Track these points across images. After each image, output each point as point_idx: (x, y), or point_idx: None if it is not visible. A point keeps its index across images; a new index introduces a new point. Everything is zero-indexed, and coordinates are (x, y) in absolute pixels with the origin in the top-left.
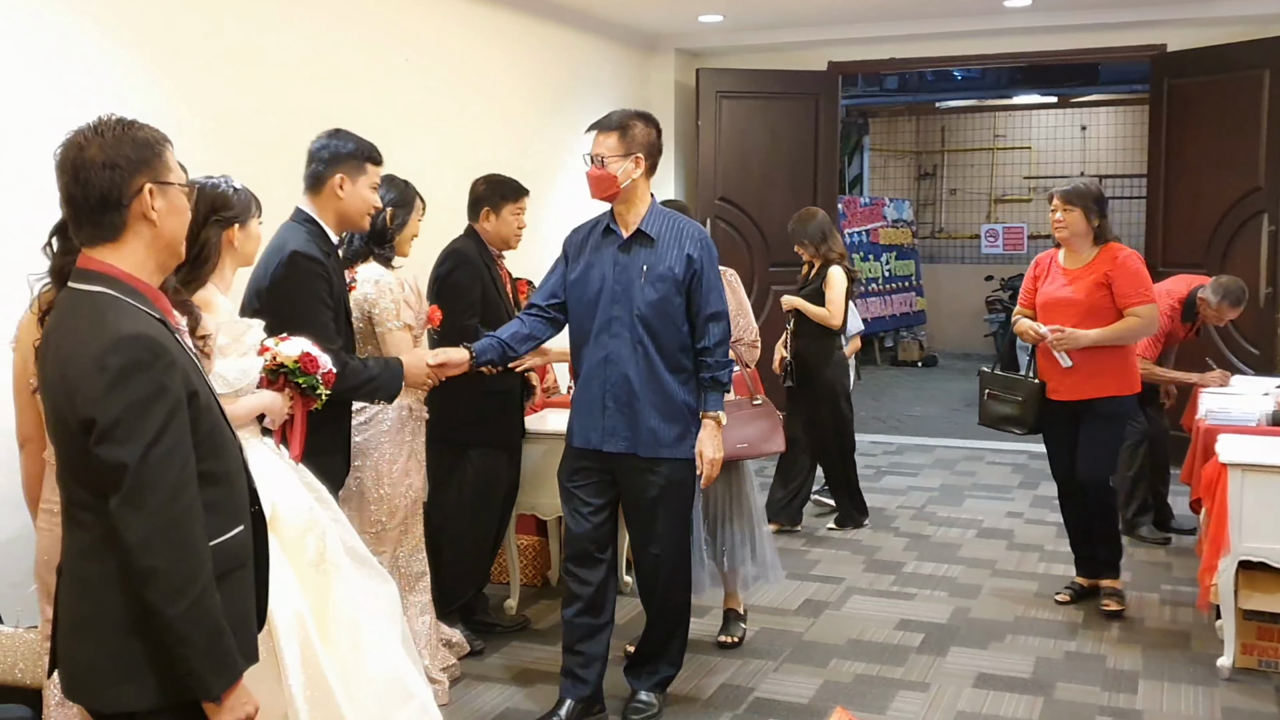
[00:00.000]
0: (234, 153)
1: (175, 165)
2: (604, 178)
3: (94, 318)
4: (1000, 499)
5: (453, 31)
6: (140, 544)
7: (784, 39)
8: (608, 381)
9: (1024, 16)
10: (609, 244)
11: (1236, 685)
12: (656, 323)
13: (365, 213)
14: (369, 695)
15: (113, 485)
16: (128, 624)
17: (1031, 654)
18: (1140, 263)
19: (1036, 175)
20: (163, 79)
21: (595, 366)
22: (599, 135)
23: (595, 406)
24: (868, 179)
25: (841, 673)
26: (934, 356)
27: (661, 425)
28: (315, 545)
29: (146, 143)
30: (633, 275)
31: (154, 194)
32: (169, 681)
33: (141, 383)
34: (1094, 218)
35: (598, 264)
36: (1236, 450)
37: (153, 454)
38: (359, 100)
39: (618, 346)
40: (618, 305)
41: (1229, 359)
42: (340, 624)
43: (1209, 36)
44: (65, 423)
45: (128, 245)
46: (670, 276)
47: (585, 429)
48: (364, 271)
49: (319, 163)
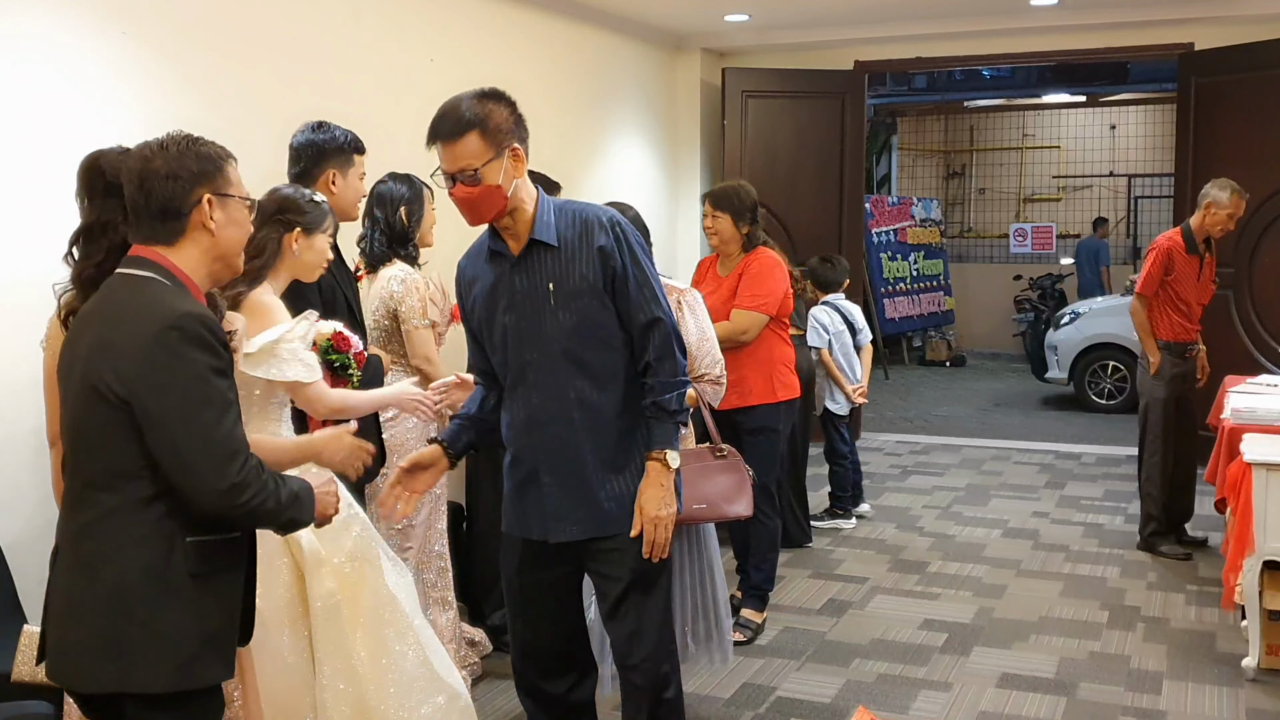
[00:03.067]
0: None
1: (237, 180)
2: (485, 194)
3: (148, 295)
4: (1026, 499)
5: (478, 32)
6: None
7: (810, 38)
8: (539, 450)
9: (1050, 15)
10: (498, 269)
11: (1261, 686)
12: (586, 354)
13: (356, 204)
14: (397, 686)
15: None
16: (119, 603)
17: (1055, 654)
18: (774, 270)
19: (1065, 174)
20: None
21: (519, 431)
22: (448, 146)
23: (529, 485)
24: (896, 178)
25: (864, 672)
26: (962, 356)
27: (625, 488)
28: (354, 539)
29: (209, 156)
30: (539, 301)
31: (213, 204)
32: (153, 665)
33: (206, 355)
34: (743, 224)
35: (492, 298)
36: (1261, 449)
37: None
38: (384, 101)
39: (541, 400)
40: (529, 346)
41: (1257, 358)
42: (370, 615)
43: (1236, 35)
44: (98, 395)
45: (184, 251)
46: (586, 288)
47: (522, 516)
48: (388, 271)
49: (306, 160)
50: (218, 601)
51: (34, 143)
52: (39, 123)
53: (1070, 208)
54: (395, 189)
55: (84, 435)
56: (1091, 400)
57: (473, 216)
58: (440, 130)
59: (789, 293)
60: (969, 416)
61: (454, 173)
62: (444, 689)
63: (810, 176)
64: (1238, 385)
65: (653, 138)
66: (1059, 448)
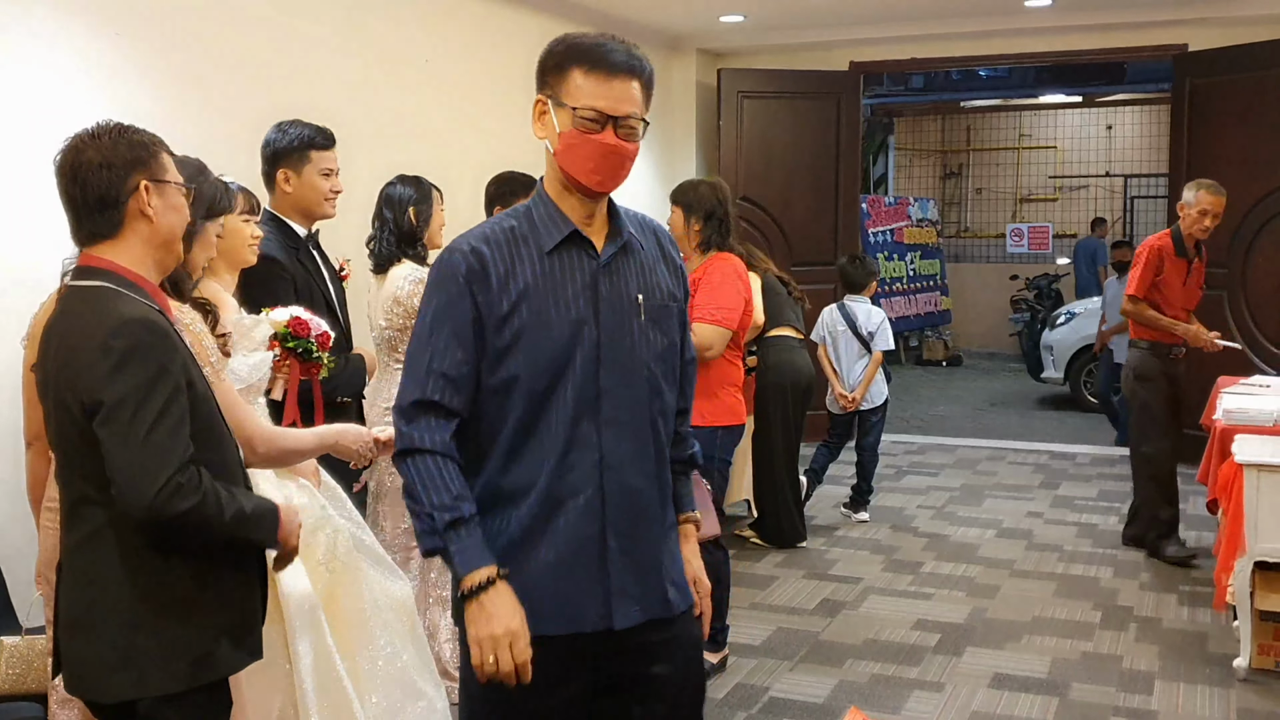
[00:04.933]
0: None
1: (172, 166)
2: (633, 155)
3: (96, 305)
4: (1021, 499)
5: (473, 33)
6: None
7: (806, 39)
8: (610, 504)
9: (1045, 16)
10: (570, 266)
11: (1253, 686)
12: (664, 386)
13: (322, 200)
14: (378, 692)
15: (117, 459)
16: (128, 613)
17: (1048, 654)
18: (734, 280)
19: (1062, 175)
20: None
21: (575, 479)
22: (624, 81)
23: (589, 555)
24: (893, 178)
25: (857, 673)
26: (959, 356)
27: (678, 558)
28: (326, 544)
29: (142, 144)
30: (625, 315)
31: (150, 191)
32: (168, 667)
33: (144, 364)
34: (695, 220)
35: (559, 302)
36: (1253, 450)
37: (157, 432)
38: (379, 102)
39: (615, 440)
40: (609, 370)
41: (1250, 359)
42: (349, 621)
43: (1230, 36)
44: (69, 412)
45: (125, 242)
46: (671, 305)
47: (567, 600)
48: (398, 271)
49: (265, 161)
50: (228, 595)
51: (7, 144)
52: (14, 123)
53: (1067, 208)
54: (404, 190)
55: (67, 451)
56: (1086, 400)
57: (609, 179)
58: (621, 60)
59: (751, 305)
60: (965, 416)
61: (622, 115)
62: (424, 695)
63: (806, 177)
64: (1230, 386)
65: (648, 138)
66: (1053, 448)
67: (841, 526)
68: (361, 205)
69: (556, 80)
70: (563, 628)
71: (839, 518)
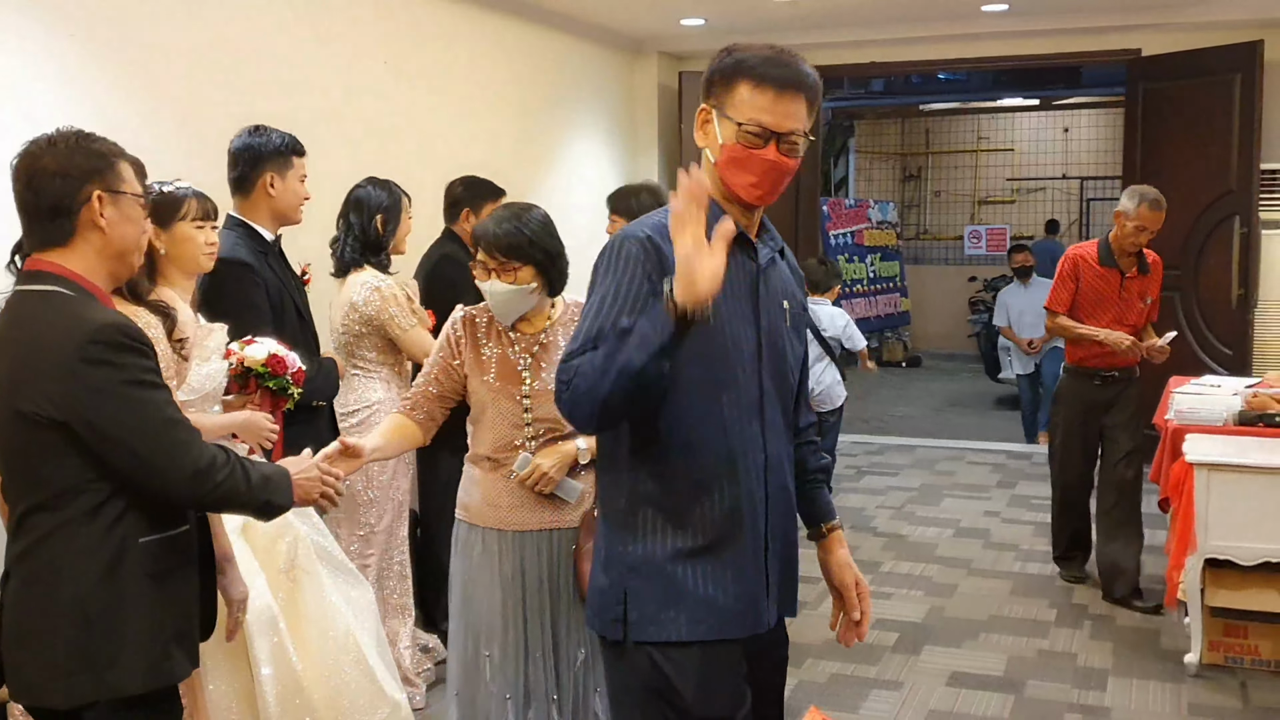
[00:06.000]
0: (207, 159)
1: (130, 177)
2: (793, 170)
3: (60, 311)
4: (978, 498)
5: (433, 34)
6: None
7: (766, 42)
8: (772, 503)
9: (1002, 20)
10: (738, 269)
11: (1203, 681)
12: (795, 395)
13: (298, 206)
14: (342, 697)
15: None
16: (80, 617)
17: (1004, 652)
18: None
19: (1019, 177)
20: (131, 83)
21: (754, 482)
22: (794, 99)
23: (758, 556)
24: (853, 181)
25: (817, 672)
26: (918, 357)
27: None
28: (287, 551)
29: (100, 153)
30: (777, 319)
31: (104, 201)
32: (125, 668)
33: (128, 362)
34: None
35: (729, 301)
36: (1203, 450)
37: (169, 415)
38: (337, 103)
39: (775, 443)
40: (769, 373)
41: (1203, 359)
42: (311, 628)
43: (1182, 41)
44: (24, 420)
45: (77, 251)
46: (805, 316)
47: (752, 602)
48: (358, 277)
49: (244, 164)
50: (177, 598)
51: None
52: None
53: (1024, 210)
54: (374, 195)
55: (19, 463)
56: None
57: (769, 193)
58: (789, 76)
59: None
60: (924, 417)
61: (785, 131)
62: (388, 701)
63: None
64: (1182, 386)
65: (611, 141)
66: (1011, 447)
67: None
68: (320, 210)
69: (723, 92)
70: (745, 630)
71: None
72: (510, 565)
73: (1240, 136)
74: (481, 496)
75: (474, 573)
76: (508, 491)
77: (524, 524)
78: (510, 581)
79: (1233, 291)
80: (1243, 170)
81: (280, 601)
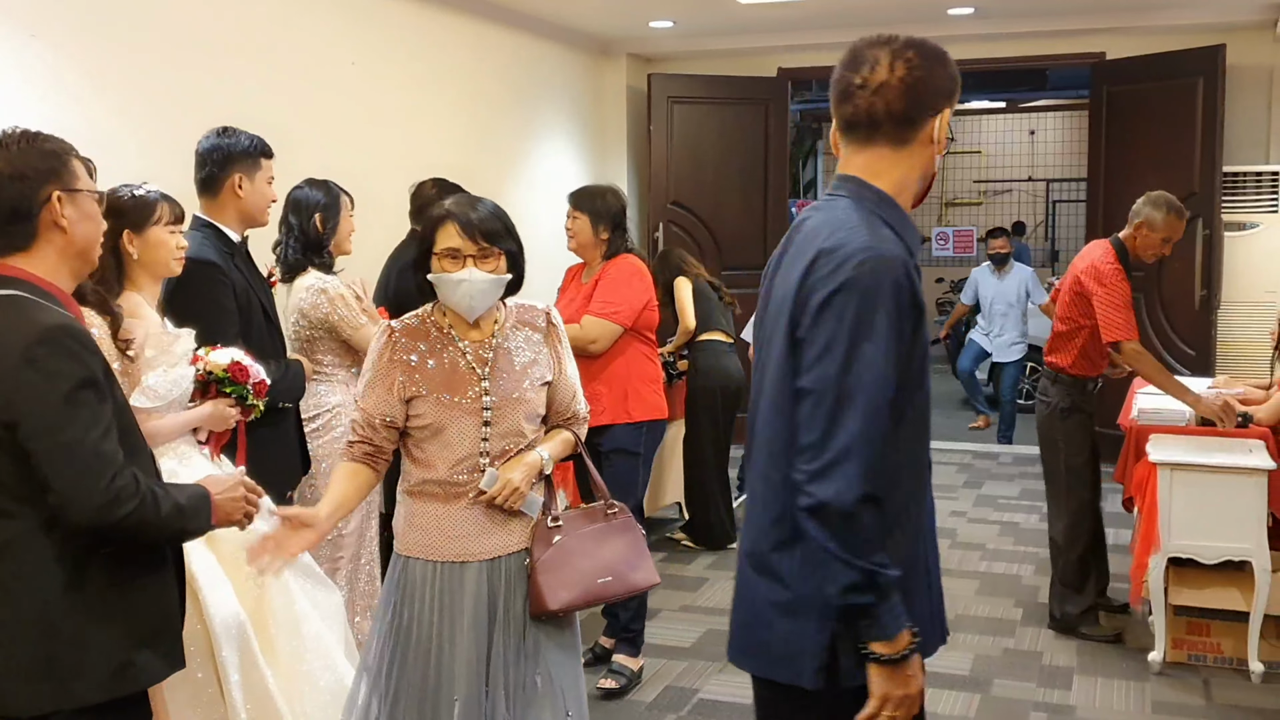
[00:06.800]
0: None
1: (83, 173)
2: None
3: (15, 315)
4: (945, 498)
5: (401, 36)
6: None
7: (734, 45)
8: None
9: (968, 24)
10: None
11: (1167, 679)
12: None
13: (265, 208)
14: (312, 704)
15: (57, 470)
16: (44, 626)
17: (970, 651)
18: (632, 279)
19: (986, 179)
20: (96, 84)
21: (930, 505)
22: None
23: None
24: (821, 183)
25: None
26: None
27: None
28: None
29: (53, 153)
30: None
31: (63, 201)
32: (88, 677)
33: (71, 370)
34: (602, 229)
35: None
36: (1166, 450)
37: (90, 437)
38: (304, 104)
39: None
40: None
41: (1166, 360)
42: (281, 635)
43: (1145, 45)
44: None
45: (40, 253)
46: None
47: (940, 624)
48: (304, 280)
49: (212, 164)
50: (147, 603)
51: None
52: None
53: (991, 212)
54: (310, 195)
55: None
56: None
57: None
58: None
59: (652, 305)
60: None
61: None
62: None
63: (735, 182)
64: (1145, 386)
65: (579, 142)
66: (977, 447)
67: None
68: None
69: (951, 99)
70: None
71: None
72: (474, 598)
73: (1203, 139)
74: (437, 528)
75: (428, 614)
76: (469, 518)
77: (488, 550)
78: (476, 617)
79: (1196, 293)
80: (1205, 172)
81: (250, 608)
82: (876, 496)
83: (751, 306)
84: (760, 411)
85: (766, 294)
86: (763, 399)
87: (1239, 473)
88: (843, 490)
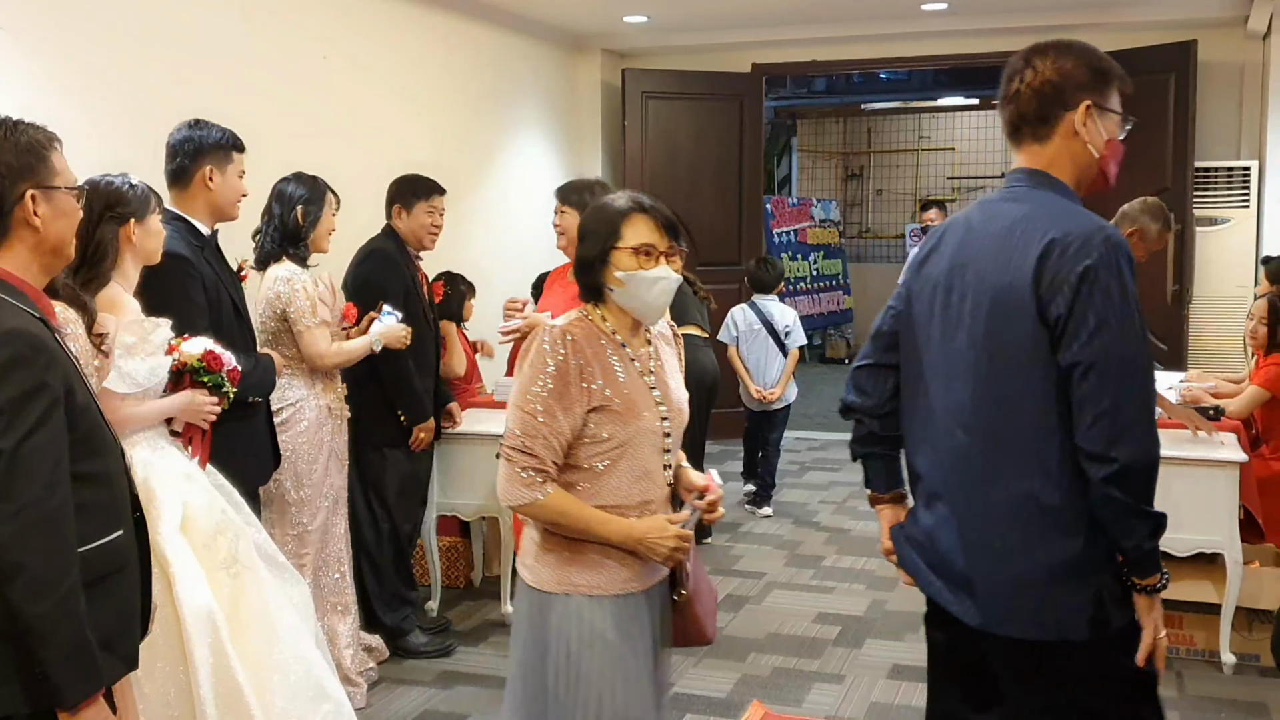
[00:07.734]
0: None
1: (63, 168)
2: None
3: None
4: None
5: (373, 30)
6: (7, 539)
7: (709, 40)
8: None
9: (941, 20)
10: None
11: None
12: None
13: (236, 201)
14: (282, 696)
15: None
16: (7, 628)
17: None
18: None
19: (960, 175)
20: (66, 77)
21: None
22: None
23: None
24: (796, 179)
25: (760, 666)
26: None
27: None
28: (227, 547)
29: (30, 147)
30: None
31: (37, 200)
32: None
33: (21, 377)
34: None
35: None
36: None
37: (27, 446)
38: (275, 98)
39: None
40: None
41: None
42: (252, 625)
43: (1118, 41)
44: None
45: (11, 250)
46: None
47: None
48: (275, 270)
49: (183, 156)
50: (108, 604)
51: None
52: None
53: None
54: (296, 189)
55: None
56: None
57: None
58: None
59: None
60: None
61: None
62: (329, 698)
63: (710, 177)
64: None
65: (553, 137)
66: None
67: (745, 522)
68: (257, 207)
69: (1108, 90)
70: None
71: (743, 513)
72: (647, 624)
73: (1175, 135)
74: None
75: (619, 650)
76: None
77: (653, 578)
78: (649, 642)
79: (1168, 287)
80: (1177, 168)
81: (222, 598)
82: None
83: (726, 301)
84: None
85: (947, 288)
86: (968, 384)
87: (1211, 465)
88: (1143, 452)
